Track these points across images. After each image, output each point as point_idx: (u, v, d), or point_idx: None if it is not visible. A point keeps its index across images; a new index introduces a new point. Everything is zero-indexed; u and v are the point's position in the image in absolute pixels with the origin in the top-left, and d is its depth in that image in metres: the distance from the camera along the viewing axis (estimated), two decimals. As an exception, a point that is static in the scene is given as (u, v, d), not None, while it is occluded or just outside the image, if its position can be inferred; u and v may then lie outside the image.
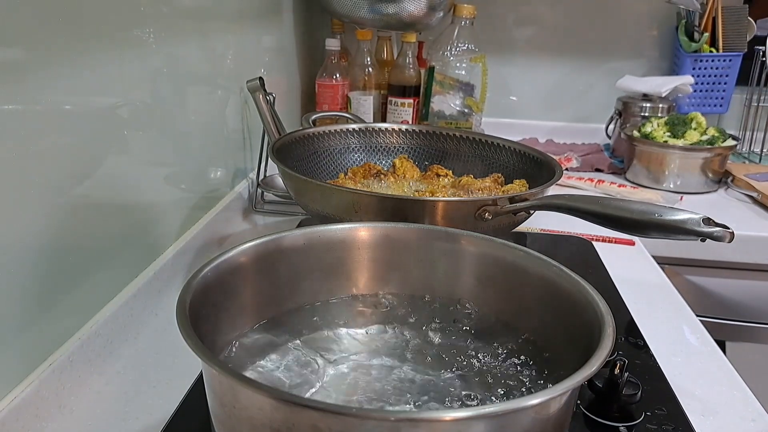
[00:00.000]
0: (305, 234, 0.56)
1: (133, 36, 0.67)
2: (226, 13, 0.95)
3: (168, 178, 0.78)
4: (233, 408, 0.37)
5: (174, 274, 0.76)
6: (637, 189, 1.24)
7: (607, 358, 0.38)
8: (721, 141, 1.23)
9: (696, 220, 0.57)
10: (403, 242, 0.50)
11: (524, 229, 0.95)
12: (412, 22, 1.22)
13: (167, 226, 0.78)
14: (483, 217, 0.69)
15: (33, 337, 0.53)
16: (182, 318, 0.40)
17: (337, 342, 0.52)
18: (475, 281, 0.56)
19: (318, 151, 0.94)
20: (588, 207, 0.64)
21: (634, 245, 0.96)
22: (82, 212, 0.59)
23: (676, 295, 0.82)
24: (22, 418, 0.50)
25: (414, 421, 0.33)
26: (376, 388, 0.46)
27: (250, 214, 1.03)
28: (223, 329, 0.49)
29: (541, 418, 0.36)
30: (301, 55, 1.38)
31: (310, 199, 0.76)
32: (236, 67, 0.98)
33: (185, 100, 0.82)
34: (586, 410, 0.54)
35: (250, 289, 0.52)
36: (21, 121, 0.50)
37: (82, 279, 0.59)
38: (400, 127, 1.00)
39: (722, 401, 0.60)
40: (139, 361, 0.63)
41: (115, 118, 0.65)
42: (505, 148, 0.94)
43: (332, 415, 0.33)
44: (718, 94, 1.46)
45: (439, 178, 0.91)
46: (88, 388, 0.58)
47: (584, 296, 0.46)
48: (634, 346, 0.66)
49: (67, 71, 0.55)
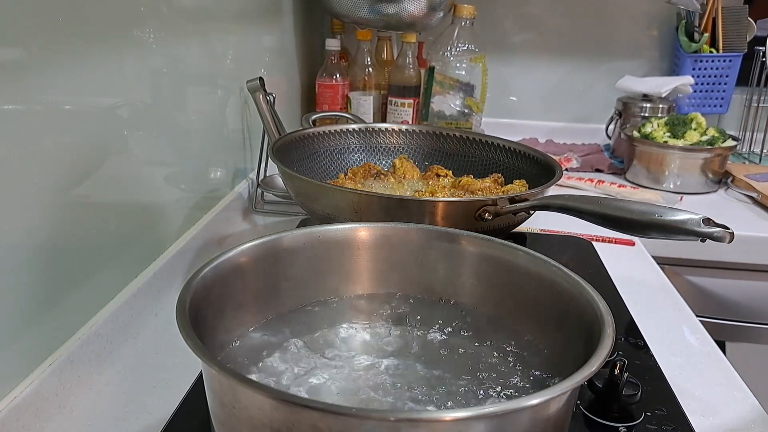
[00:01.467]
0: (305, 234, 0.56)
1: (133, 36, 0.67)
2: (226, 13, 0.95)
3: (168, 178, 0.78)
4: (233, 408, 0.37)
5: (174, 274, 0.76)
6: (637, 189, 1.24)
7: (607, 359, 0.38)
8: (721, 141, 1.23)
9: (696, 220, 0.57)
10: (403, 242, 0.50)
11: (524, 229, 0.95)
12: (412, 22, 1.22)
13: (167, 226, 0.78)
14: (483, 218, 0.69)
15: (33, 336, 0.53)
16: (182, 318, 0.40)
17: (336, 342, 0.52)
18: (474, 281, 0.56)
19: (318, 151, 0.94)
20: (588, 207, 0.64)
21: (634, 245, 0.96)
22: (82, 212, 0.59)
23: (676, 295, 0.82)
24: (22, 418, 0.50)
25: (414, 421, 0.33)
26: (376, 388, 0.46)
27: (250, 215, 1.03)
28: (223, 329, 0.49)
29: (541, 418, 0.36)
30: (301, 55, 1.38)
31: (310, 199, 0.76)
32: (236, 67, 0.98)
33: (185, 100, 0.82)
34: (586, 410, 0.54)
35: (250, 289, 0.52)
36: (21, 121, 0.50)
37: (82, 279, 0.59)
38: (400, 127, 1.00)
39: (722, 401, 0.60)
40: (139, 361, 0.63)
41: (115, 118, 0.65)
42: (505, 149, 0.94)
43: (332, 415, 0.33)
44: (718, 95, 1.46)
45: (439, 178, 0.91)
46: (88, 388, 0.58)
47: (584, 296, 0.46)
48: (634, 347, 0.66)
49: (67, 71, 0.55)
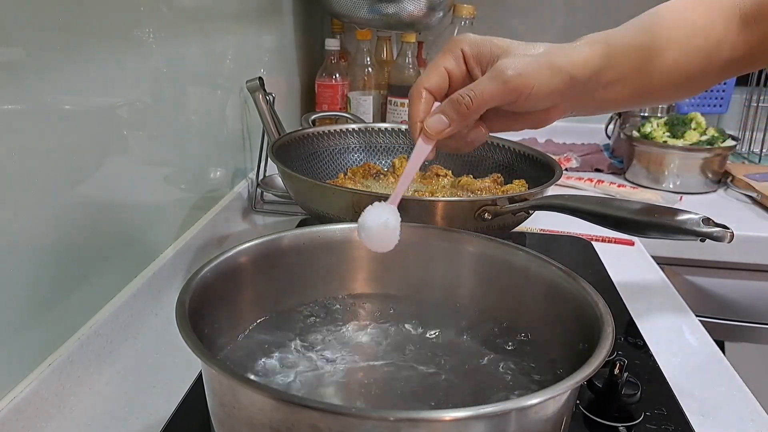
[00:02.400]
0: (305, 234, 0.56)
1: (133, 36, 0.67)
2: (226, 13, 0.95)
3: (168, 178, 0.78)
4: (233, 408, 0.37)
5: (174, 274, 0.76)
6: (637, 189, 1.25)
7: (607, 358, 0.38)
8: (720, 141, 1.23)
9: (695, 220, 0.57)
10: (403, 242, 0.50)
11: (524, 229, 0.95)
12: (412, 22, 1.22)
13: (167, 226, 0.78)
14: (483, 217, 0.69)
15: (33, 336, 0.53)
16: (182, 318, 0.40)
17: (336, 342, 0.52)
18: (474, 281, 0.56)
19: (318, 151, 0.94)
20: (587, 207, 0.64)
21: (633, 245, 0.96)
22: (82, 212, 0.59)
23: (675, 295, 0.82)
24: (22, 418, 0.50)
25: (413, 420, 0.33)
26: (376, 388, 0.46)
27: (249, 214, 1.03)
28: (223, 329, 0.49)
29: (541, 418, 0.36)
30: (300, 55, 1.38)
31: (310, 199, 0.76)
32: (236, 67, 0.98)
33: (185, 100, 0.82)
34: (586, 410, 0.54)
35: (249, 289, 0.52)
36: (21, 121, 0.50)
37: (82, 279, 0.59)
38: (400, 127, 1.00)
39: (721, 401, 0.60)
40: (139, 361, 0.63)
41: (115, 118, 0.65)
42: (505, 148, 0.94)
43: (332, 415, 0.33)
44: (717, 95, 1.46)
45: (439, 178, 0.91)
46: (88, 388, 0.58)
47: (583, 296, 0.46)
48: (634, 346, 0.66)
49: (67, 71, 0.55)
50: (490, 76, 0.52)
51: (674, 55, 0.53)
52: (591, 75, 0.52)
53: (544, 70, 0.51)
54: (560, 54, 0.52)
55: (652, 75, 0.54)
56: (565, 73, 0.51)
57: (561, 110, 0.56)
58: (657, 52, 0.53)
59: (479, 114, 0.53)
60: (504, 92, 0.51)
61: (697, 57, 0.54)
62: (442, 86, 0.55)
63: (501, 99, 0.52)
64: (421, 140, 0.54)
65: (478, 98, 0.51)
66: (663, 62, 0.54)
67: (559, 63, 0.51)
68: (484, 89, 0.51)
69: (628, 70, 0.54)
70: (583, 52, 0.52)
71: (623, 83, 0.54)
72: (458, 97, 0.52)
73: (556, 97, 0.53)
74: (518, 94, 0.51)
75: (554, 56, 0.52)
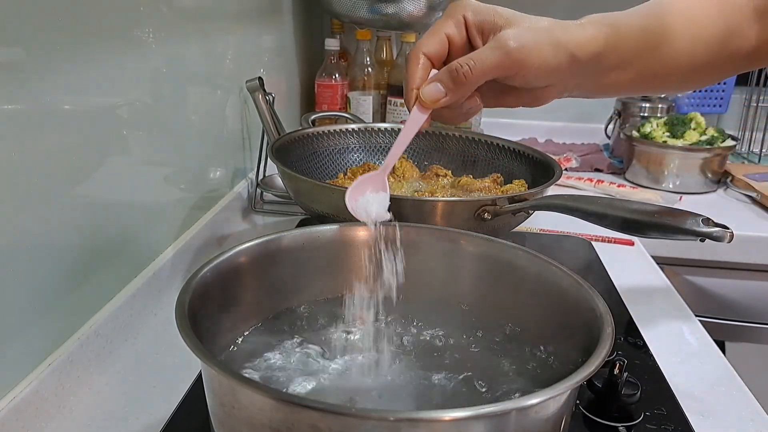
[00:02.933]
0: (305, 234, 0.56)
1: (133, 36, 0.67)
2: (226, 13, 0.95)
3: (167, 178, 0.78)
4: (233, 408, 0.37)
5: (174, 274, 0.76)
6: (637, 189, 1.25)
7: (606, 358, 0.38)
8: (720, 141, 1.24)
9: (695, 220, 0.57)
10: (403, 242, 0.50)
11: (524, 229, 0.95)
12: (412, 22, 1.22)
13: (167, 225, 0.78)
14: (482, 218, 0.69)
15: (33, 336, 0.53)
16: (181, 318, 0.40)
17: (336, 341, 0.52)
18: (474, 281, 0.56)
19: (317, 151, 0.94)
20: (587, 207, 0.64)
21: (633, 245, 0.96)
22: (82, 212, 0.59)
23: (675, 295, 0.82)
24: (22, 418, 0.50)
25: (413, 420, 0.33)
26: (376, 388, 0.46)
27: (249, 214, 1.03)
28: (223, 329, 0.49)
29: (541, 418, 0.36)
30: (300, 55, 1.38)
31: (310, 199, 0.76)
32: (236, 67, 0.98)
33: (185, 100, 0.82)
34: (586, 410, 0.54)
35: (249, 289, 0.52)
36: (21, 121, 0.50)
37: (82, 279, 0.59)
38: (400, 127, 1.00)
39: (721, 401, 0.60)
40: (139, 361, 0.63)
41: (115, 118, 0.65)
42: (505, 148, 0.94)
43: (332, 415, 0.33)
44: (717, 95, 1.46)
45: (439, 178, 0.91)
46: (88, 388, 0.58)
47: (583, 296, 0.46)
48: (634, 346, 0.66)
49: (67, 71, 0.55)
50: (492, 46, 0.50)
51: (680, 44, 0.52)
52: (593, 56, 0.51)
53: (547, 46, 0.50)
54: (564, 32, 0.51)
55: (656, 62, 0.53)
56: (567, 51, 0.50)
57: (559, 89, 0.54)
58: (663, 39, 0.52)
59: (477, 85, 0.52)
60: (505, 64, 0.50)
61: (705, 47, 0.53)
62: (441, 52, 0.53)
63: (501, 71, 0.50)
64: (416, 109, 0.53)
65: (478, 68, 0.50)
66: (668, 50, 0.52)
67: (563, 40, 0.50)
68: (485, 59, 0.50)
69: (631, 54, 0.52)
70: (587, 32, 0.51)
71: (625, 68, 0.53)
72: (457, 65, 0.50)
73: (557, 75, 0.52)
74: (519, 67, 0.50)
75: (558, 33, 0.50)
